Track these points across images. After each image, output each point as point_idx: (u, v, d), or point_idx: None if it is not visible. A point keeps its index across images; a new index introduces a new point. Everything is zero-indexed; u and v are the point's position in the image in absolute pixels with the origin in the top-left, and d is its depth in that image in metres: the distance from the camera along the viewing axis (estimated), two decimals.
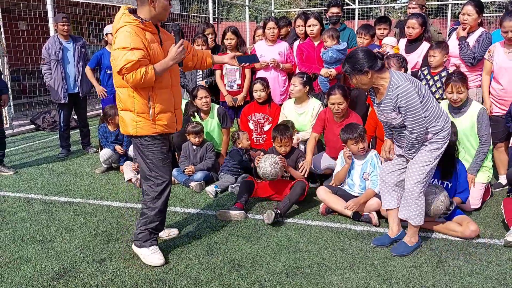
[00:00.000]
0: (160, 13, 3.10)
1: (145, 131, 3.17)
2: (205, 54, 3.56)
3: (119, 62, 2.94)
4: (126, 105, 3.14)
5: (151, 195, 3.28)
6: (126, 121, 3.18)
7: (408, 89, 3.01)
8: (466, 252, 3.37)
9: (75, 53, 6.28)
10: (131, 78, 2.95)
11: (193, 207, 4.39)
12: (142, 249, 3.30)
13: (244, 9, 18.43)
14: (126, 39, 2.94)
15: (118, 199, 4.64)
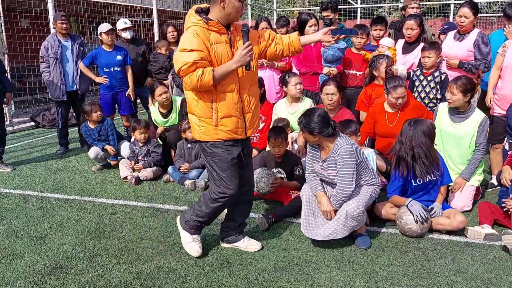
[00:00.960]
0: (230, 14, 2.94)
1: (207, 137, 3.05)
2: (291, 38, 3.23)
3: (177, 64, 2.89)
4: (191, 108, 3.08)
5: (211, 196, 3.20)
6: (192, 125, 3.13)
7: (348, 152, 3.34)
8: (453, 251, 3.40)
9: (73, 51, 6.33)
10: (188, 80, 2.87)
11: (187, 204, 4.44)
12: (185, 232, 3.34)
13: (247, 8, 18.46)
14: (186, 41, 2.87)
15: (113, 197, 4.69)
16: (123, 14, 12.45)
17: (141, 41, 7.10)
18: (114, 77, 6.34)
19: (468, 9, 4.79)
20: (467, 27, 4.85)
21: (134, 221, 4.03)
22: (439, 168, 3.79)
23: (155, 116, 5.70)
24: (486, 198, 4.45)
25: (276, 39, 3.22)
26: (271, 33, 3.24)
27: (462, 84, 4.03)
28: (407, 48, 5.41)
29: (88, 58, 6.29)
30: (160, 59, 6.58)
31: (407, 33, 5.28)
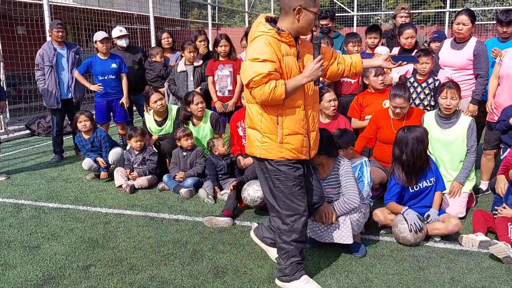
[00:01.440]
0: (303, 27, 2.80)
1: (270, 155, 2.84)
2: (354, 60, 3.12)
3: (248, 74, 2.68)
4: (253, 123, 2.87)
5: (283, 228, 2.95)
6: (252, 141, 2.91)
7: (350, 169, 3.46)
8: (448, 260, 3.39)
9: (69, 59, 6.33)
10: (259, 92, 2.67)
11: (182, 213, 4.42)
12: (293, 283, 2.99)
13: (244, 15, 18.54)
14: (258, 50, 2.69)
15: (107, 205, 4.67)
16: (120, 21, 12.49)
17: (137, 49, 7.10)
18: (109, 85, 6.32)
19: (466, 17, 4.81)
20: (465, 34, 4.87)
21: (128, 231, 4.01)
22: (433, 174, 3.82)
23: (149, 124, 5.69)
24: (479, 205, 4.46)
25: (339, 58, 3.12)
26: (334, 51, 3.14)
27: (458, 89, 4.15)
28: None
29: (83, 66, 6.27)
30: (156, 67, 6.58)
31: (408, 42, 5.34)
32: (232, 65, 5.82)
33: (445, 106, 4.16)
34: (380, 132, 4.63)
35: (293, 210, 2.91)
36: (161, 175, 5.31)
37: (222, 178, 5.08)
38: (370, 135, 4.70)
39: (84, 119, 5.59)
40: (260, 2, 28.98)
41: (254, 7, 25.57)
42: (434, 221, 3.68)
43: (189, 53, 5.95)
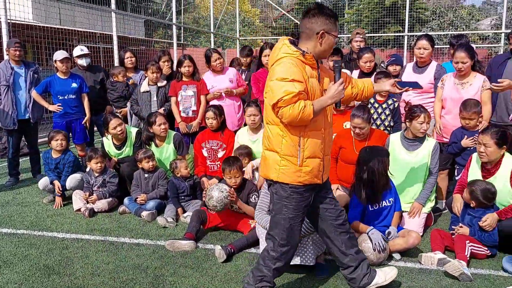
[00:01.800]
0: (325, 50, 2.87)
1: (288, 178, 2.83)
2: (365, 84, 3.23)
3: (277, 94, 2.67)
4: (273, 145, 2.84)
5: (272, 254, 2.95)
6: (269, 163, 2.87)
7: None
8: (408, 278, 3.44)
9: (27, 79, 6.15)
10: (288, 112, 2.67)
11: (143, 237, 4.31)
12: None
13: (210, 36, 18.65)
14: (286, 70, 2.71)
15: (65, 230, 4.50)
16: (82, 40, 12.30)
17: (99, 68, 6.99)
18: (69, 105, 6.15)
19: (426, 42, 5.06)
20: (426, 58, 5.09)
21: (86, 256, 3.86)
22: (392, 195, 3.90)
23: (108, 148, 5.55)
24: (437, 223, 4.57)
25: (352, 82, 3.20)
26: (347, 75, 3.21)
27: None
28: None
29: (41, 86, 6.08)
30: (119, 87, 6.45)
31: (367, 66, 5.52)
32: (196, 86, 5.81)
33: (422, 131, 4.23)
34: (342, 152, 4.70)
35: (288, 242, 2.93)
36: (122, 198, 5.18)
37: (184, 200, 5.01)
38: (332, 155, 4.76)
39: (61, 138, 5.43)
40: (226, 23, 29.32)
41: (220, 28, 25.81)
42: (394, 237, 3.74)
43: (152, 73, 5.91)
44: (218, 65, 5.85)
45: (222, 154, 5.27)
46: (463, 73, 4.63)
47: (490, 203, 3.80)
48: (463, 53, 4.57)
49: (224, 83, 5.84)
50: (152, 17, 15.23)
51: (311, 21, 2.82)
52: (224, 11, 23.44)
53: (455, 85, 4.68)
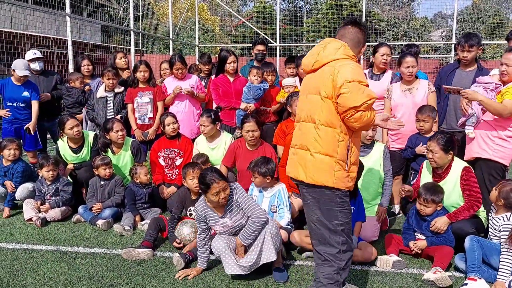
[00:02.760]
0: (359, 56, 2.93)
1: (342, 184, 2.75)
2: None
3: (360, 97, 2.62)
4: (329, 148, 2.73)
5: (336, 266, 2.81)
6: (324, 168, 2.74)
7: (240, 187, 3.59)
8: (364, 280, 3.52)
9: None
10: (366, 117, 2.66)
11: (98, 246, 4.19)
12: None
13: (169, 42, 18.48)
14: (359, 74, 2.69)
15: (15, 241, 4.30)
16: (35, 44, 11.88)
17: (52, 73, 6.76)
18: (18, 112, 5.92)
19: (388, 48, 5.22)
20: (386, 66, 5.24)
21: (38, 267, 3.71)
22: (355, 204, 3.95)
23: (64, 151, 5.37)
24: (393, 227, 4.72)
25: None
26: None
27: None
28: None
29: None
30: (75, 93, 6.26)
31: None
32: (152, 92, 5.74)
33: (368, 138, 4.41)
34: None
35: (349, 246, 2.87)
36: (77, 206, 5.01)
37: (142, 207, 4.91)
38: (285, 162, 4.79)
39: (14, 148, 5.23)
40: (185, 30, 29.16)
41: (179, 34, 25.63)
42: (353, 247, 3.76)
43: (108, 79, 5.79)
44: (180, 73, 5.80)
45: (180, 162, 5.22)
46: (412, 78, 4.82)
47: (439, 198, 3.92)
48: (413, 58, 4.78)
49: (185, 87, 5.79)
50: (109, 23, 14.88)
51: (362, 33, 2.88)
52: (183, 18, 23.32)
53: (403, 91, 4.87)
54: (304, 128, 2.85)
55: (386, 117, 3.01)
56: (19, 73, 5.77)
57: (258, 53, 6.46)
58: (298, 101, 3.03)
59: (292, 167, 2.94)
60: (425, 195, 3.89)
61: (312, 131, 2.79)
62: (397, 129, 3.16)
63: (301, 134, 2.87)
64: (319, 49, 2.86)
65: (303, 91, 2.99)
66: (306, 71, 2.96)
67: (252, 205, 3.51)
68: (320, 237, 2.86)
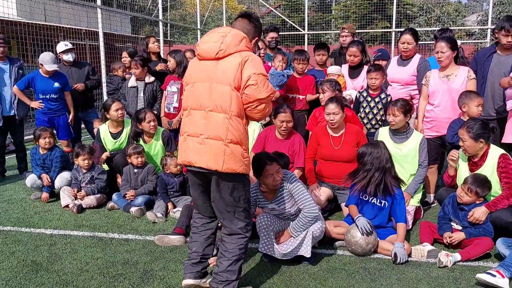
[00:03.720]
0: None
1: (248, 169, 2.94)
2: None
3: (266, 90, 2.78)
4: (240, 138, 2.84)
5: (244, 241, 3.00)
6: (236, 156, 2.81)
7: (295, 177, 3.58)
8: (398, 271, 3.46)
9: (11, 75, 6.06)
10: (267, 109, 2.87)
11: (132, 232, 4.28)
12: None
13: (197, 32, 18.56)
14: (263, 67, 2.88)
15: (52, 227, 4.44)
16: (67, 37, 12.13)
17: (84, 64, 6.91)
18: (50, 104, 6.08)
19: (410, 36, 5.12)
20: (410, 52, 5.13)
21: (75, 252, 3.82)
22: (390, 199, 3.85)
23: (104, 135, 5.50)
24: (426, 217, 4.62)
25: None
26: None
27: (402, 106, 4.30)
28: (353, 73, 5.66)
29: (23, 82, 5.97)
30: (115, 80, 6.55)
31: (351, 59, 5.54)
32: (181, 82, 5.78)
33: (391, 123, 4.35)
34: (319, 149, 4.70)
35: (250, 222, 3.03)
36: (111, 194, 5.13)
37: (173, 196, 4.98)
38: (312, 153, 4.76)
39: (48, 136, 5.39)
40: (212, 20, 29.19)
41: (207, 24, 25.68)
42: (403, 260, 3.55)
43: (132, 68, 5.90)
44: None
45: None
46: (442, 63, 4.67)
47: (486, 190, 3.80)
48: (443, 43, 4.62)
49: None
50: (138, 14, 15.01)
51: (252, 25, 3.02)
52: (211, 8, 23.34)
53: (441, 78, 4.71)
54: (212, 118, 2.81)
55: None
56: (48, 67, 5.89)
57: (271, 40, 6.41)
58: (193, 87, 2.92)
59: (199, 156, 2.84)
60: (472, 185, 3.77)
61: (225, 121, 2.79)
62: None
63: (208, 124, 2.82)
64: (219, 37, 2.83)
65: (202, 79, 2.88)
66: (205, 58, 2.89)
67: (305, 197, 3.51)
68: (227, 216, 2.95)
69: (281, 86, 5.50)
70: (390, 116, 4.34)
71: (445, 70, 4.71)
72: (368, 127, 5.11)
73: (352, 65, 5.61)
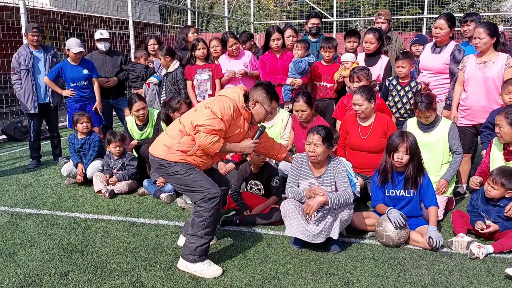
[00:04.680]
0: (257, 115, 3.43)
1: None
2: (281, 151, 3.94)
3: (203, 120, 3.18)
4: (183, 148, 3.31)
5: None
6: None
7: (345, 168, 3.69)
8: (429, 261, 3.43)
9: (46, 63, 6.22)
10: (201, 138, 3.19)
11: (162, 218, 4.37)
12: (197, 264, 3.26)
13: (224, 20, 18.56)
14: (222, 109, 3.21)
15: (86, 211, 4.58)
16: (98, 25, 12.34)
17: (117, 53, 7.03)
18: (81, 91, 6.23)
19: (444, 21, 4.88)
20: (442, 38, 4.94)
21: (108, 236, 3.94)
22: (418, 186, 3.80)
23: (131, 127, 5.62)
24: (458, 207, 4.53)
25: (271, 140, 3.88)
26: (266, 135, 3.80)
27: (428, 106, 4.18)
28: (369, 61, 5.51)
29: (53, 72, 6.11)
30: (138, 68, 6.63)
31: (366, 46, 5.43)
32: (211, 69, 5.80)
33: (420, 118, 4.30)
34: (348, 138, 4.66)
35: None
36: (141, 180, 5.24)
37: None
38: (343, 142, 4.72)
39: (85, 121, 5.55)
40: (240, 8, 29.11)
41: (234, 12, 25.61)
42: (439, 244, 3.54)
43: (163, 59, 5.96)
44: (234, 51, 5.81)
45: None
46: (479, 49, 4.51)
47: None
48: (481, 29, 4.42)
49: (239, 67, 5.80)
50: (167, 2, 15.13)
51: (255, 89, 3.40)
52: None
53: (478, 64, 4.55)
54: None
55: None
56: (74, 50, 6.02)
57: (312, 27, 6.30)
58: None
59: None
60: (496, 176, 3.66)
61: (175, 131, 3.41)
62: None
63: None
64: None
65: None
66: None
67: (346, 183, 3.59)
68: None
69: (302, 73, 5.45)
70: (422, 119, 4.29)
71: (483, 56, 4.55)
72: (396, 116, 5.02)
73: (368, 52, 5.48)
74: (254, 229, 4.05)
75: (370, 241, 3.79)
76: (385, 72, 5.37)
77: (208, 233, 3.26)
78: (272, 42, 5.66)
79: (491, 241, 3.64)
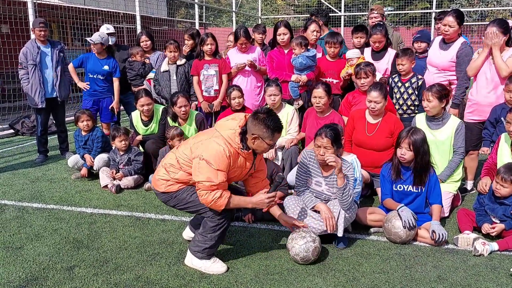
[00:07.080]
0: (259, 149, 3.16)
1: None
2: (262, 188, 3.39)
3: (201, 176, 3.00)
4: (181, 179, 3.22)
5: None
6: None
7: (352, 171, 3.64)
8: (434, 258, 3.41)
9: (53, 58, 6.24)
10: (203, 196, 3.04)
11: (168, 213, 4.38)
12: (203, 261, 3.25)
13: (231, 15, 18.50)
14: (216, 159, 2.98)
15: (92, 206, 4.60)
16: (106, 20, 12.36)
17: (124, 47, 7.04)
18: (97, 84, 6.36)
19: (452, 18, 4.80)
20: (451, 36, 4.88)
21: (114, 231, 3.96)
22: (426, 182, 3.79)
23: (136, 122, 5.63)
24: (464, 204, 4.50)
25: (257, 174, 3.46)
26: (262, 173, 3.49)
27: (437, 91, 4.13)
28: (376, 56, 5.48)
29: (78, 60, 6.40)
30: (135, 66, 6.51)
31: (376, 46, 5.41)
32: (218, 65, 5.79)
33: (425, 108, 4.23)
34: (354, 134, 4.63)
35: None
36: (147, 175, 5.25)
37: None
38: (349, 136, 4.70)
39: (86, 119, 5.58)
40: (247, 2, 28.99)
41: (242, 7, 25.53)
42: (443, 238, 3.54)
43: (169, 52, 5.91)
44: (243, 48, 5.83)
45: None
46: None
47: None
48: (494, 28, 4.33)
49: None
50: None
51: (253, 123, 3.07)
52: None
53: (488, 60, 4.50)
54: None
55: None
56: (93, 39, 6.23)
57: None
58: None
59: None
60: (504, 174, 3.62)
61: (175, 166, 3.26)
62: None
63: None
64: None
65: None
66: None
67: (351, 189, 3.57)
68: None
69: (303, 70, 5.40)
70: (424, 102, 4.20)
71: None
72: (400, 113, 4.99)
73: (377, 49, 5.48)
74: (260, 225, 4.06)
75: (375, 237, 3.78)
76: (392, 65, 5.34)
77: (219, 236, 3.24)
78: (278, 36, 5.67)
79: (497, 239, 3.61)
